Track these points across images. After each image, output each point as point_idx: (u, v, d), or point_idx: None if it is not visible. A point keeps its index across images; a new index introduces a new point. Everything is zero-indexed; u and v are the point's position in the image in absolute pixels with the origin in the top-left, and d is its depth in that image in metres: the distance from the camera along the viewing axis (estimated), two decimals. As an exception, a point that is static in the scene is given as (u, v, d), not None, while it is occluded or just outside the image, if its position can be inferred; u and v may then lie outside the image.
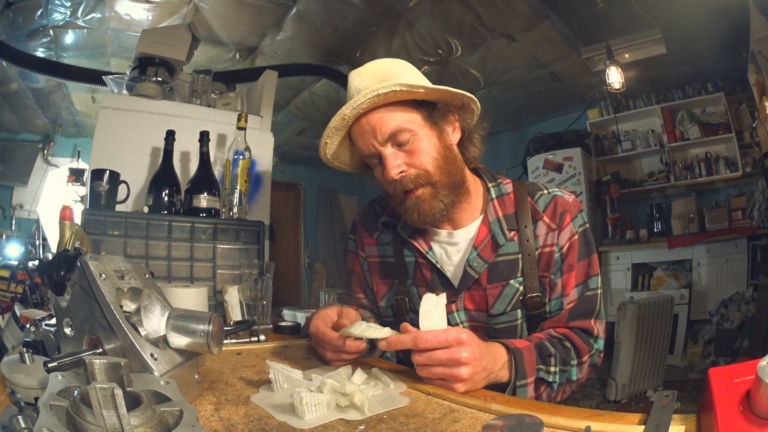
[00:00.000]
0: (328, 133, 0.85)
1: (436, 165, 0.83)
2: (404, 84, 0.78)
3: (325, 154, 0.89)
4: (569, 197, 0.90)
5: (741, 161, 3.40)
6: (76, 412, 0.36)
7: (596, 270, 0.87)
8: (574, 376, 0.81)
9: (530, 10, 2.72)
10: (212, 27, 2.88)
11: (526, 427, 0.46)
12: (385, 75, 0.83)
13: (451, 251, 0.91)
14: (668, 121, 3.70)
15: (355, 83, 0.84)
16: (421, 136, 0.83)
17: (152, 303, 0.57)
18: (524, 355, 0.73)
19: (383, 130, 0.81)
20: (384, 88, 0.78)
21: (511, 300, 0.86)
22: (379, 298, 0.99)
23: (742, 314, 3.08)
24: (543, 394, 0.77)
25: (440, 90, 0.81)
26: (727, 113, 3.44)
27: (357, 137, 0.85)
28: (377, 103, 0.80)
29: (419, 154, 0.82)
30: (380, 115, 0.81)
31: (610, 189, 3.88)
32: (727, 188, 3.57)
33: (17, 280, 1.31)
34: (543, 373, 0.75)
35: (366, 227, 1.03)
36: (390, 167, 0.82)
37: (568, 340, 0.82)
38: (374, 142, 0.82)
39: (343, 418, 0.53)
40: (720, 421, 0.39)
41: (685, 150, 3.70)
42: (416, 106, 0.83)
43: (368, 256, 1.01)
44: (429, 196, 0.83)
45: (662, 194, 3.87)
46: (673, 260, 3.60)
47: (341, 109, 0.82)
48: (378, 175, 0.87)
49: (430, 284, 0.92)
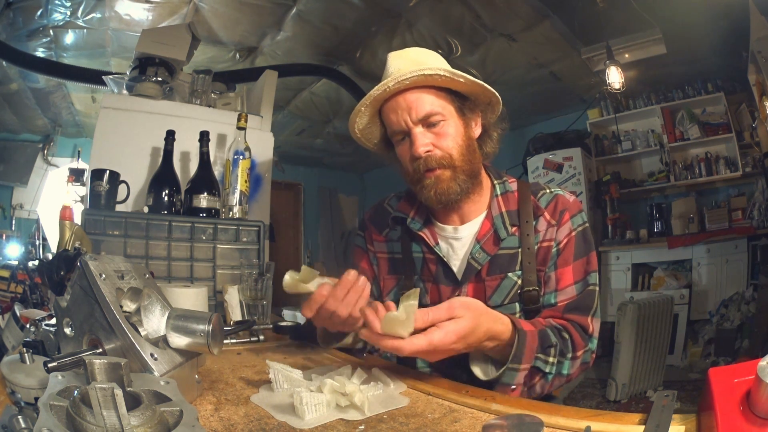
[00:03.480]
0: (365, 101, 0.87)
1: (459, 151, 0.87)
2: (448, 71, 0.83)
3: (355, 125, 0.92)
4: (570, 197, 0.93)
5: (741, 161, 3.40)
6: (76, 412, 0.36)
7: (595, 266, 0.89)
8: (566, 370, 0.81)
9: (530, 10, 2.72)
10: (212, 27, 2.88)
11: (526, 427, 0.46)
12: (424, 60, 0.87)
13: (456, 246, 0.94)
14: (668, 121, 3.70)
15: (395, 64, 0.87)
16: (451, 122, 0.87)
17: (152, 303, 0.57)
18: (528, 339, 0.73)
19: (419, 110, 0.85)
20: (430, 69, 0.82)
21: (509, 293, 0.88)
22: (386, 293, 1.01)
23: (742, 314, 3.08)
24: (537, 385, 0.77)
25: (477, 84, 0.86)
26: (727, 113, 3.44)
27: (390, 112, 0.88)
28: (419, 83, 0.84)
29: (446, 138, 0.86)
30: (418, 95, 0.85)
31: (610, 189, 3.88)
32: (727, 188, 3.57)
33: (17, 280, 1.31)
34: (540, 362, 0.75)
35: (376, 224, 1.05)
36: (418, 144, 0.85)
37: (567, 332, 0.83)
38: (407, 118, 0.86)
39: (343, 418, 0.53)
40: (720, 421, 0.39)
41: (685, 150, 3.70)
42: (451, 95, 0.87)
43: (377, 251, 1.04)
44: (448, 177, 0.87)
45: (662, 194, 3.87)
46: (673, 260, 3.60)
47: (384, 81, 0.85)
48: (402, 151, 0.90)
49: (435, 278, 0.94)
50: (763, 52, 2.52)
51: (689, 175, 3.66)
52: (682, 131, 3.66)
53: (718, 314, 3.22)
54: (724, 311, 3.19)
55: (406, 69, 0.84)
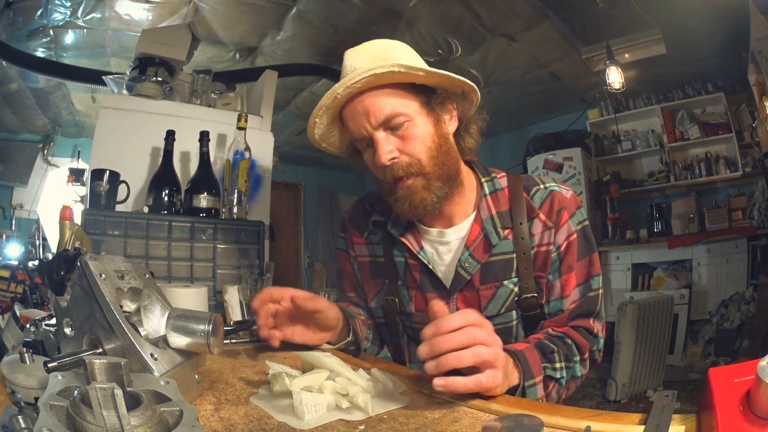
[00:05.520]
0: (318, 112, 0.80)
1: (429, 155, 0.78)
2: (403, 65, 0.73)
3: (314, 134, 0.84)
4: (567, 193, 0.86)
5: (741, 161, 3.40)
6: (76, 412, 0.36)
7: (598, 270, 0.84)
8: (578, 372, 0.79)
9: (530, 10, 2.72)
10: (212, 27, 2.88)
11: (526, 427, 0.46)
12: (383, 55, 0.78)
13: (442, 251, 0.87)
14: (668, 121, 3.70)
15: (350, 62, 0.79)
16: (417, 122, 0.78)
17: (152, 303, 0.57)
18: (527, 355, 0.70)
19: (377, 114, 0.76)
20: (381, 68, 0.73)
21: (505, 302, 0.84)
22: (370, 298, 0.97)
23: (742, 314, 3.08)
24: (552, 391, 0.75)
25: (440, 74, 0.76)
26: (727, 113, 3.44)
27: (348, 118, 0.80)
28: (372, 84, 0.75)
29: (413, 141, 0.78)
30: (375, 98, 0.76)
31: (610, 189, 3.88)
32: (727, 188, 3.57)
33: (17, 280, 1.31)
34: (550, 370, 0.73)
35: (355, 226, 0.99)
36: (381, 152, 0.77)
37: (569, 337, 0.80)
38: (366, 125, 0.77)
39: (343, 419, 0.53)
40: (720, 421, 0.39)
41: (685, 150, 3.70)
42: (414, 90, 0.78)
43: (358, 256, 0.98)
44: (421, 187, 0.79)
45: (662, 194, 3.87)
46: (673, 260, 3.60)
47: (333, 87, 0.76)
48: (368, 159, 0.83)
49: (420, 286, 0.88)
50: (763, 52, 2.52)
51: (689, 175, 3.66)
52: (682, 131, 3.66)
53: (718, 314, 3.22)
54: (724, 311, 3.19)
55: (363, 66, 0.75)
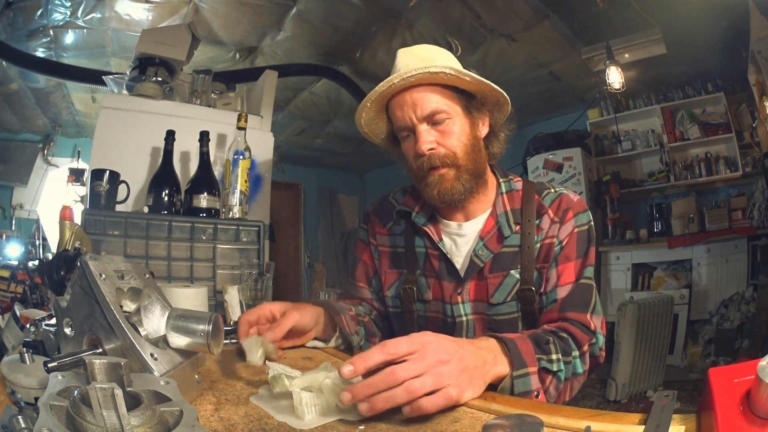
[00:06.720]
0: (370, 97, 0.88)
1: (464, 150, 0.87)
2: (454, 69, 0.83)
3: (361, 118, 0.92)
4: (575, 197, 0.94)
5: (741, 161, 3.40)
6: (76, 412, 0.36)
7: (592, 261, 0.89)
8: (579, 369, 0.78)
9: (530, 10, 2.72)
10: (212, 27, 2.88)
11: (526, 427, 0.46)
12: (432, 57, 0.88)
13: (459, 242, 0.94)
14: (668, 121, 3.70)
15: (403, 60, 0.87)
16: (456, 121, 0.87)
17: (152, 303, 0.57)
18: (518, 344, 0.67)
19: (424, 107, 0.85)
20: (436, 67, 0.82)
21: (511, 290, 0.88)
22: (387, 287, 1.01)
23: (742, 314, 3.08)
24: (550, 386, 0.73)
25: (483, 83, 0.86)
26: (727, 113, 3.44)
27: (396, 108, 0.88)
28: (424, 80, 0.84)
29: (451, 136, 0.86)
30: (424, 93, 0.85)
31: (610, 189, 3.88)
32: (727, 188, 3.57)
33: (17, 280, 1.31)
34: (545, 362, 0.71)
35: (379, 217, 1.05)
36: (422, 142, 0.86)
37: (565, 331, 0.80)
38: (412, 115, 0.86)
39: (343, 419, 0.53)
40: (720, 421, 0.39)
41: (685, 150, 3.70)
42: (457, 93, 0.87)
43: (379, 245, 1.04)
44: (452, 177, 0.87)
45: (662, 194, 3.87)
46: (673, 260, 3.60)
47: (391, 76, 0.85)
48: (407, 148, 0.91)
49: (438, 274, 0.94)
50: (763, 52, 2.52)
51: (689, 175, 3.66)
52: (682, 131, 3.66)
53: (718, 314, 3.22)
54: (724, 311, 3.19)
55: (413, 66, 0.84)
